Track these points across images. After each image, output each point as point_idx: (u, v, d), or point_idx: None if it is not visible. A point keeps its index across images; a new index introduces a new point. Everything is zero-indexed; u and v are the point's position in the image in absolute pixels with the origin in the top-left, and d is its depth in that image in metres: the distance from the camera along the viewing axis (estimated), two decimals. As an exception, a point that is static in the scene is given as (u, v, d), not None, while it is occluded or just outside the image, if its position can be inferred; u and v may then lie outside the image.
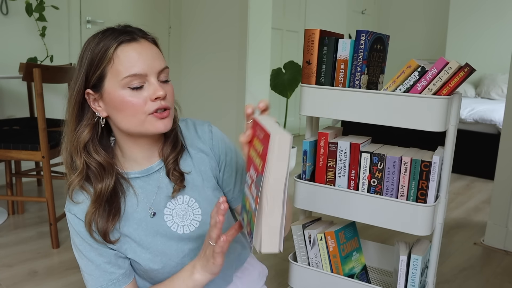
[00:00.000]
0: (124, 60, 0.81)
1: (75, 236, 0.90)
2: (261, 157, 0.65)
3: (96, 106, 0.86)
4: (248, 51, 3.28)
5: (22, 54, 2.85)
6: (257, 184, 0.66)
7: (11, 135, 2.17)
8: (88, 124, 0.87)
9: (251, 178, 0.70)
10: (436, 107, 1.07)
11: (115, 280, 0.89)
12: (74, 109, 0.86)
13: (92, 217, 0.86)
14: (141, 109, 0.82)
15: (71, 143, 0.87)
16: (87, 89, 0.85)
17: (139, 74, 0.82)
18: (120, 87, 0.82)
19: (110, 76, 0.82)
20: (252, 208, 0.68)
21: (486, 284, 1.84)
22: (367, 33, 1.13)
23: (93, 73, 0.83)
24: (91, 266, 0.89)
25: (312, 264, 1.29)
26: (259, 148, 0.67)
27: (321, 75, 1.20)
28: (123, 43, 0.82)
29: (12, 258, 1.94)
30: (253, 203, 0.68)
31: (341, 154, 1.21)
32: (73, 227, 0.89)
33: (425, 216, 1.13)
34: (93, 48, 0.83)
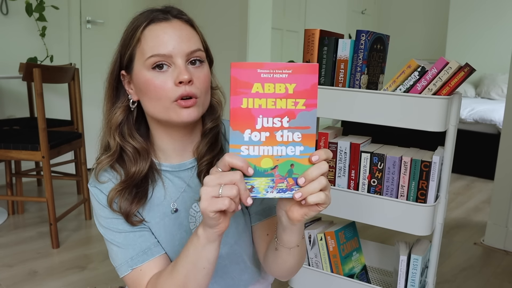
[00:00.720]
0: (150, 39, 0.78)
1: (100, 210, 0.85)
2: (298, 94, 0.63)
3: (129, 88, 0.84)
4: (248, 51, 3.28)
5: (22, 54, 2.85)
6: (305, 122, 0.64)
7: (11, 135, 2.17)
8: (121, 106, 0.84)
9: (271, 129, 0.64)
10: (436, 107, 1.06)
11: (146, 249, 0.83)
12: (108, 91, 0.85)
13: (116, 195, 0.83)
14: (165, 93, 0.77)
15: (106, 124, 0.85)
16: (122, 71, 0.83)
17: (162, 55, 0.77)
18: (145, 68, 0.78)
19: (138, 57, 0.79)
20: (293, 152, 0.65)
21: (486, 284, 1.84)
22: (367, 33, 1.13)
23: (125, 54, 0.81)
24: (119, 236, 0.84)
25: (312, 264, 1.29)
26: (279, 89, 0.63)
27: (321, 75, 1.20)
28: (152, 22, 0.79)
29: (12, 258, 1.94)
30: (294, 146, 0.65)
31: (341, 154, 1.21)
32: (98, 201, 0.85)
33: (425, 216, 1.13)
34: (127, 28, 0.82)
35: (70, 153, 2.93)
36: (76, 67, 2.37)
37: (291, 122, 0.64)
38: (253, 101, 0.63)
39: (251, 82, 0.63)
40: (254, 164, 0.65)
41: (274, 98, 0.64)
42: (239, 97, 0.63)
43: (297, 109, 0.64)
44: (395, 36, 5.27)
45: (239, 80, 0.63)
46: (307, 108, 0.64)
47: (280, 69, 0.63)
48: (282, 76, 0.63)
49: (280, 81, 0.63)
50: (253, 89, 0.63)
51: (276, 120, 0.64)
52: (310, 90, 0.64)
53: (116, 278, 1.79)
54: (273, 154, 0.65)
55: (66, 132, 2.34)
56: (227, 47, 3.37)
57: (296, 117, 0.64)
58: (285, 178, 0.65)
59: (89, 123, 2.79)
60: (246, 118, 0.64)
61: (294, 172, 0.65)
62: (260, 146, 0.64)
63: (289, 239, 0.76)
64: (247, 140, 0.64)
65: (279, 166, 0.65)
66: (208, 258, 0.72)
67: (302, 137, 0.65)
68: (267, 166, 0.65)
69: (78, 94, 2.37)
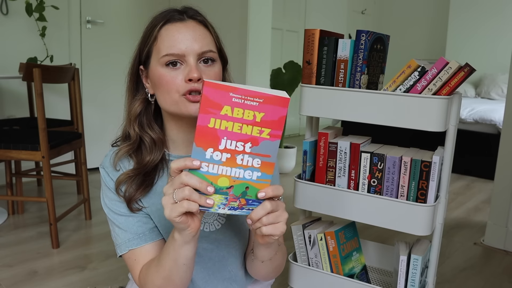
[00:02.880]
0: (165, 39, 0.84)
1: (106, 191, 0.92)
2: (264, 123, 0.66)
3: (146, 82, 0.91)
4: (248, 51, 3.28)
5: (22, 54, 2.85)
6: (266, 151, 0.67)
7: (11, 135, 2.17)
8: (139, 99, 0.91)
9: (232, 151, 0.67)
10: (436, 107, 1.06)
11: (141, 234, 0.90)
12: (129, 84, 0.92)
13: (125, 179, 0.89)
14: (174, 87, 0.83)
15: (127, 115, 0.92)
16: (140, 66, 0.90)
17: (176, 54, 0.83)
18: (159, 64, 0.84)
19: (154, 54, 0.86)
20: (250, 177, 0.68)
21: (486, 284, 1.84)
22: (367, 33, 1.13)
23: (143, 50, 0.88)
24: (120, 219, 0.91)
25: (312, 264, 1.29)
26: (247, 115, 0.65)
27: (321, 75, 1.20)
28: (169, 22, 0.85)
29: (12, 258, 1.94)
30: (252, 171, 0.68)
31: (341, 154, 1.21)
32: (105, 183, 0.92)
33: (425, 216, 1.13)
34: (147, 26, 0.88)
35: (70, 153, 2.93)
36: (76, 67, 2.37)
37: (253, 149, 0.67)
38: (220, 122, 0.65)
39: (222, 104, 0.65)
40: (211, 181, 0.68)
41: (241, 123, 0.66)
42: (208, 116, 0.65)
43: (261, 137, 0.67)
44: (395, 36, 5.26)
45: (210, 100, 0.64)
46: (271, 138, 0.67)
47: (252, 96, 0.65)
48: (252, 103, 0.65)
49: (250, 108, 0.65)
50: (222, 111, 0.65)
51: (239, 144, 0.67)
52: (277, 122, 0.66)
53: (116, 278, 1.79)
54: (231, 175, 0.68)
55: (66, 132, 2.34)
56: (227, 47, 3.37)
57: (259, 144, 0.67)
58: (238, 198, 0.69)
59: (89, 123, 2.79)
60: (211, 137, 0.66)
61: (247, 194, 0.69)
62: (220, 165, 0.67)
63: (261, 254, 0.86)
64: (208, 158, 0.67)
65: (234, 187, 0.68)
66: (186, 256, 0.77)
67: (262, 164, 0.68)
68: (223, 185, 0.68)
69: (78, 94, 2.37)
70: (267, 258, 0.87)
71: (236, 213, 0.70)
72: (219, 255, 0.96)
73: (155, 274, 0.83)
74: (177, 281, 0.81)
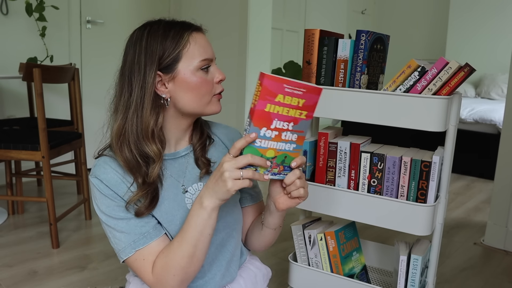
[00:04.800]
0: (198, 45, 0.91)
1: (102, 199, 0.91)
2: (304, 107, 0.82)
3: (162, 88, 0.91)
4: (248, 51, 3.28)
5: (22, 54, 2.85)
6: (302, 127, 0.84)
7: (11, 135, 2.17)
8: (159, 106, 0.91)
9: (280, 130, 0.81)
10: (436, 107, 1.06)
11: (145, 233, 0.90)
12: (149, 94, 0.89)
13: (138, 199, 0.90)
14: (211, 89, 0.93)
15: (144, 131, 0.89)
16: (158, 72, 0.89)
17: (209, 59, 0.92)
18: (194, 69, 0.90)
19: (185, 59, 0.89)
20: (289, 148, 0.84)
21: (486, 284, 1.84)
22: (367, 33, 1.13)
23: (168, 56, 0.89)
24: (121, 223, 0.90)
25: (312, 264, 1.29)
26: (294, 102, 0.80)
27: (321, 75, 1.20)
28: (194, 31, 0.91)
29: (12, 258, 1.94)
30: (291, 144, 0.84)
31: (341, 154, 1.21)
32: (101, 191, 0.91)
33: (425, 216, 1.13)
34: (162, 34, 0.89)
35: (70, 153, 2.93)
36: (76, 67, 2.37)
37: (294, 127, 0.83)
38: (274, 107, 0.79)
39: (276, 93, 0.78)
40: (261, 153, 0.82)
41: (289, 108, 0.81)
42: (265, 102, 0.78)
43: (300, 118, 0.83)
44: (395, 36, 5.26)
45: (268, 89, 0.77)
46: (307, 118, 0.84)
47: (299, 87, 0.80)
48: (299, 93, 0.80)
49: (297, 96, 0.80)
50: (276, 98, 0.79)
51: (285, 124, 0.82)
52: (313, 106, 0.83)
53: (116, 278, 1.79)
54: (276, 148, 0.83)
55: (66, 132, 2.34)
56: (227, 47, 3.37)
57: (298, 123, 0.83)
58: (278, 165, 0.85)
59: (89, 123, 2.79)
60: (266, 119, 0.80)
61: (285, 162, 0.85)
62: (270, 141, 0.82)
63: (274, 222, 0.99)
64: (262, 135, 0.81)
65: (277, 157, 0.84)
66: (212, 225, 0.86)
67: (298, 138, 0.85)
68: (270, 156, 0.83)
69: (78, 94, 2.37)
70: (278, 225, 1.00)
71: (276, 177, 0.85)
72: (219, 238, 1.00)
73: (178, 257, 0.86)
74: (201, 256, 0.88)
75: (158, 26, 0.90)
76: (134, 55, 0.89)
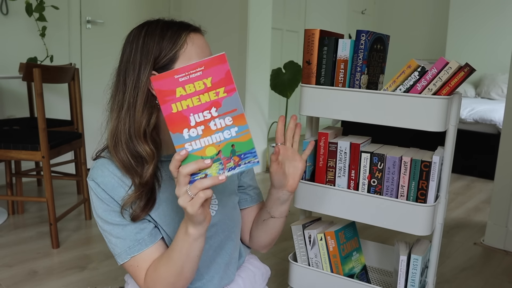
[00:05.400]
0: (196, 46, 0.88)
1: (99, 203, 0.90)
2: (216, 85, 0.72)
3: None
4: (248, 51, 3.28)
5: (22, 54, 2.85)
6: (230, 106, 0.73)
7: (11, 135, 2.17)
8: (152, 107, 0.87)
9: (203, 122, 0.72)
10: (436, 107, 1.06)
11: (140, 240, 0.90)
12: (142, 93, 0.86)
13: (133, 200, 0.88)
14: None
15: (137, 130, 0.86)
16: (153, 71, 0.87)
17: None
18: None
19: (182, 60, 0.87)
20: (230, 135, 0.73)
21: (486, 284, 1.84)
22: (367, 33, 1.13)
23: (164, 56, 0.86)
24: (117, 228, 0.90)
25: (312, 264, 1.29)
26: (199, 86, 0.71)
27: (321, 75, 1.20)
28: (192, 31, 0.89)
29: (12, 258, 1.94)
30: (230, 130, 0.73)
31: (341, 154, 1.21)
32: (97, 195, 0.90)
33: (425, 216, 1.13)
34: (160, 33, 0.87)
35: (70, 153, 2.93)
36: (76, 67, 2.37)
37: (219, 110, 0.73)
38: (180, 104, 0.72)
39: (173, 88, 0.71)
40: (200, 155, 0.73)
41: (197, 95, 0.72)
42: (168, 105, 0.71)
43: (220, 97, 0.72)
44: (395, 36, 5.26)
45: (162, 90, 0.71)
46: (229, 94, 0.73)
47: (193, 69, 0.71)
48: (197, 74, 0.71)
49: (197, 79, 0.71)
50: (177, 94, 0.71)
51: (206, 113, 0.73)
52: (226, 78, 0.72)
53: (116, 278, 1.79)
54: (214, 142, 0.74)
55: (66, 132, 2.34)
56: (227, 47, 3.37)
57: (221, 105, 0.73)
58: (231, 158, 0.74)
59: (89, 123, 2.79)
60: (180, 120, 0.72)
61: (236, 151, 0.74)
62: (200, 139, 0.73)
63: (285, 209, 1.01)
64: (187, 138, 0.73)
65: (222, 150, 0.74)
66: (199, 248, 0.83)
67: (233, 119, 0.73)
68: (212, 153, 0.74)
69: (78, 94, 2.37)
70: (284, 214, 1.01)
71: (236, 171, 0.74)
72: (217, 241, 1.00)
73: (166, 274, 0.86)
74: (189, 274, 0.86)
75: (156, 26, 0.88)
76: (130, 54, 0.88)
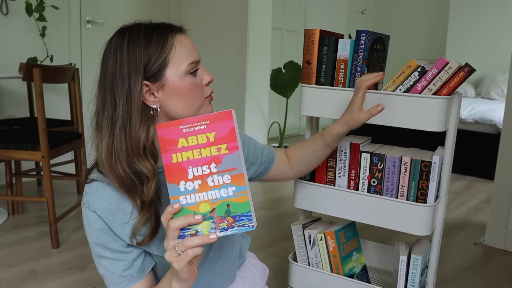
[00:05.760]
0: (184, 47, 0.84)
1: (90, 234, 0.88)
2: (219, 141, 0.70)
3: (151, 98, 0.83)
4: (248, 51, 3.28)
5: (22, 54, 2.85)
6: (231, 164, 0.70)
7: (11, 135, 2.17)
8: (148, 119, 0.82)
9: (201, 177, 0.70)
10: (436, 107, 1.06)
11: (128, 276, 0.88)
12: (137, 107, 0.80)
13: (142, 224, 0.83)
14: (202, 92, 0.87)
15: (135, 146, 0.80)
16: (145, 81, 0.82)
17: (196, 61, 0.86)
18: (183, 73, 0.83)
19: (172, 64, 0.83)
20: (226, 194, 0.71)
21: (486, 284, 1.84)
22: (367, 33, 1.13)
23: (154, 63, 0.81)
24: (106, 262, 0.88)
25: (312, 264, 1.29)
26: (202, 139, 0.70)
27: (321, 75, 1.20)
28: (177, 32, 0.85)
29: (12, 258, 1.94)
30: (227, 188, 0.70)
31: (341, 154, 1.21)
32: (91, 224, 0.86)
33: (425, 216, 1.13)
34: (145, 39, 0.81)
35: (70, 153, 2.93)
36: (76, 67, 2.37)
37: (219, 167, 0.70)
38: (181, 155, 0.70)
39: (176, 139, 0.70)
40: (193, 211, 0.71)
41: (199, 148, 0.70)
42: (169, 154, 0.70)
43: (221, 154, 0.70)
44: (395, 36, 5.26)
45: (166, 138, 0.70)
46: (230, 152, 0.70)
47: (198, 121, 0.70)
48: (201, 127, 0.70)
49: (201, 132, 0.70)
50: (179, 144, 0.70)
51: (205, 167, 0.70)
52: (229, 135, 0.70)
53: (116, 278, 1.79)
54: (209, 199, 0.71)
55: (66, 132, 2.34)
56: (227, 47, 3.37)
57: (222, 162, 0.70)
58: (225, 218, 0.71)
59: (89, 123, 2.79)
60: (178, 171, 0.70)
61: (231, 211, 0.71)
62: (196, 193, 0.71)
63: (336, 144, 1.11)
64: (183, 190, 0.71)
65: (216, 209, 0.71)
66: None
67: (232, 178, 0.70)
68: (206, 210, 0.71)
69: (78, 94, 2.37)
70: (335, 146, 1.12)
71: (229, 233, 0.71)
72: (218, 242, 0.98)
73: None
74: None
75: (139, 31, 0.82)
76: (115, 66, 0.82)
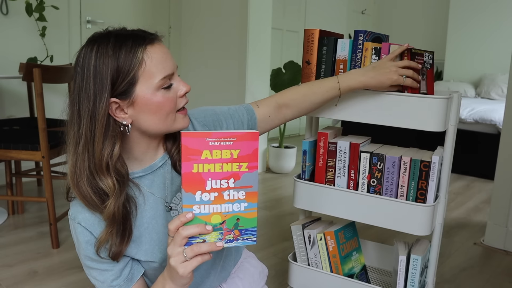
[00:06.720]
0: (155, 61, 0.79)
1: (78, 246, 0.88)
2: (241, 158, 0.73)
3: (121, 114, 0.80)
4: (248, 51, 3.28)
5: (22, 54, 2.85)
6: (248, 182, 0.74)
7: (11, 135, 2.17)
8: (114, 136, 0.80)
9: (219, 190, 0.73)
10: (436, 107, 1.07)
11: (117, 286, 0.89)
12: (101, 125, 0.78)
13: (107, 237, 0.82)
14: (174, 106, 0.83)
15: (97, 166, 0.79)
16: (112, 99, 0.79)
17: (170, 74, 0.81)
18: (154, 89, 0.79)
19: (143, 79, 0.79)
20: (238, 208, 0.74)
21: (486, 284, 1.84)
22: (365, 33, 1.13)
23: (122, 80, 0.77)
24: (95, 272, 0.89)
25: (311, 264, 1.29)
26: (226, 155, 0.72)
27: (320, 75, 1.20)
28: (149, 44, 0.79)
29: (12, 258, 1.94)
30: (240, 204, 0.74)
31: (341, 154, 1.21)
32: (77, 237, 0.86)
33: (424, 216, 1.13)
34: (113, 54, 0.77)
35: (70, 153, 2.92)
36: (76, 67, 2.37)
37: (236, 183, 0.74)
38: (202, 166, 0.72)
39: (201, 150, 0.71)
40: (205, 221, 0.73)
41: (221, 163, 0.72)
42: (190, 163, 0.71)
43: (241, 171, 0.73)
44: (395, 36, 5.26)
45: (190, 148, 0.71)
46: (250, 170, 0.74)
47: (226, 137, 0.72)
48: (227, 143, 0.72)
49: (226, 148, 0.72)
50: (203, 156, 0.71)
51: (223, 181, 0.73)
52: (252, 155, 0.73)
53: (116, 278, 1.79)
54: (222, 211, 0.74)
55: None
56: (227, 47, 3.37)
57: (240, 178, 0.74)
58: (232, 231, 0.75)
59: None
60: (197, 181, 0.72)
61: (239, 225, 0.75)
62: (210, 205, 0.73)
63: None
64: (198, 200, 0.72)
65: (226, 221, 0.74)
66: None
67: (246, 195, 0.74)
68: (217, 222, 0.74)
69: (78, 94, 2.37)
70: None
71: (233, 245, 0.75)
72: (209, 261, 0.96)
73: None
74: None
75: (107, 43, 0.78)
76: (82, 81, 0.78)
